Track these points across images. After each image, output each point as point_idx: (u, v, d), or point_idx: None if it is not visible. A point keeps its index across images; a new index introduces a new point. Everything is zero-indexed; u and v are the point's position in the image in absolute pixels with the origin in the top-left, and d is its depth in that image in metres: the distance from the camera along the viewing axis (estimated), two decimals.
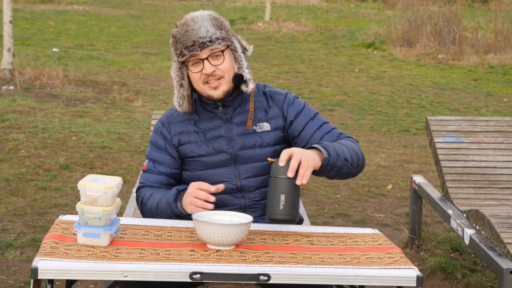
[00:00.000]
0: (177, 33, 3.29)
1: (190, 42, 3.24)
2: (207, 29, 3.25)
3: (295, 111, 3.43)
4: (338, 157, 3.12)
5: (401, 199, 7.32)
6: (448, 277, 5.36)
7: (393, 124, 10.72)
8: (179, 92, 3.36)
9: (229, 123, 3.38)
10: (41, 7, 25.19)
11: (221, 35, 3.27)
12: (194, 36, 3.24)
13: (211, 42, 3.24)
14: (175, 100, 3.38)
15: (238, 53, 3.33)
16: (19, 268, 5.22)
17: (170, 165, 3.41)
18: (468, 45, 17.35)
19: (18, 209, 6.41)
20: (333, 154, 3.10)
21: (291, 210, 2.98)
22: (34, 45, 16.05)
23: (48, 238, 2.82)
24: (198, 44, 3.24)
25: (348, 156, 3.19)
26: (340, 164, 3.14)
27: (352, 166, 3.22)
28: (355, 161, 3.23)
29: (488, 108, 12.07)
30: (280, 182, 2.98)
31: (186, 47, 3.25)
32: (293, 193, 2.98)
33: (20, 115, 9.77)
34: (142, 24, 21.97)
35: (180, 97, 3.36)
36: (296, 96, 3.51)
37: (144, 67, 14.61)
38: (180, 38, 3.27)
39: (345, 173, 3.22)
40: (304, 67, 15.49)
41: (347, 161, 3.18)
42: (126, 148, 8.56)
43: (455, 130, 5.56)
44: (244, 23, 22.22)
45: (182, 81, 3.35)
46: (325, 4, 29.98)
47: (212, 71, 3.27)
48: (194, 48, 3.24)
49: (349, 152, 3.21)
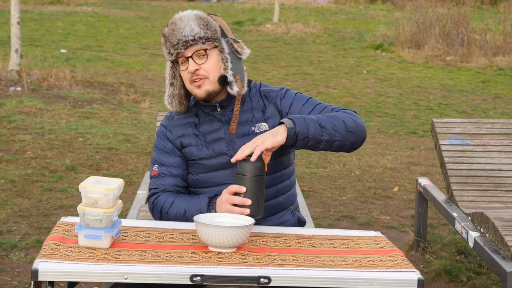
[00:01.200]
0: (166, 32, 3.33)
1: (175, 41, 3.28)
2: (191, 28, 3.27)
3: (288, 102, 3.42)
4: (309, 125, 3.11)
5: (407, 202, 7.30)
6: (453, 279, 5.34)
7: (401, 126, 10.71)
8: (169, 91, 3.41)
9: (228, 125, 3.38)
10: (50, 8, 25.27)
11: (205, 35, 3.28)
12: (179, 34, 3.27)
13: (194, 41, 3.27)
14: (165, 99, 3.43)
15: (225, 54, 3.33)
16: (24, 269, 5.23)
17: (181, 167, 3.42)
18: (476, 47, 17.31)
19: (24, 210, 6.41)
20: (300, 123, 3.10)
21: (250, 206, 3.05)
22: (42, 46, 16.09)
23: (49, 240, 2.82)
24: (182, 42, 3.27)
25: (327, 122, 3.17)
26: (315, 132, 3.12)
27: (339, 133, 3.18)
28: (340, 127, 3.19)
29: (496, 110, 12.04)
30: (237, 179, 3.09)
31: (173, 45, 3.29)
32: (251, 190, 3.05)
33: (27, 116, 9.79)
34: (150, 26, 22.00)
35: (170, 95, 3.41)
36: (288, 88, 3.50)
37: (152, 68, 14.63)
38: (168, 37, 3.31)
39: (331, 141, 3.19)
40: (312, 69, 15.49)
41: (326, 128, 3.15)
42: (132, 150, 8.56)
43: (460, 132, 5.54)
44: (253, 24, 22.23)
45: (172, 80, 3.40)
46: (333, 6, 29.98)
47: (195, 69, 3.29)
48: (179, 46, 3.28)
49: (330, 120, 3.19)
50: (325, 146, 3.19)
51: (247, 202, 3.05)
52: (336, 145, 3.22)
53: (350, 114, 3.30)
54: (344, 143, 3.23)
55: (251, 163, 3.04)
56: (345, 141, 3.22)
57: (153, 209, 3.39)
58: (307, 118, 3.14)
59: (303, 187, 7.45)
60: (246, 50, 3.41)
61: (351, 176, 8.11)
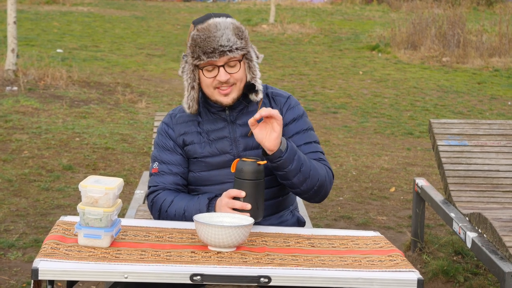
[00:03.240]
0: (197, 37, 3.24)
1: (210, 49, 3.21)
2: (228, 38, 3.22)
3: (293, 116, 3.43)
4: (293, 163, 3.16)
5: (404, 202, 7.31)
6: (450, 280, 5.35)
7: (397, 126, 10.71)
8: (190, 94, 3.35)
9: (233, 124, 3.38)
10: (45, 8, 25.22)
11: (241, 45, 3.26)
12: (215, 43, 3.21)
13: (231, 51, 3.23)
14: (185, 102, 3.37)
15: (253, 62, 3.34)
16: (21, 268, 5.22)
17: (182, 165, 3.42)
18: (472, 48, 17.33)
19: (21, 210, 6.41)
20: (290, 155, 3.14)
21: (250, 210, 3.06)
22: (38, 46, 16.07)
23: (49, 239, 2.82)
24: (218, 52, 3.22)
25: (306, 173, 3.22)
26: (292, 171, 3.17)
27: (305, 185, 3.24)
28: (310, 182, 3.25)
29: (492, 111, 12.06)
30: (236, 183, 3.09)
31: (205, 52, 3.22)
32: (251, 194, 3.07)
33: (24, 115, 9.78)
34: (146, 26, 21.98)
35: (191, 99, 3.35)
36: (298, 102, 3.51)
37: (148, 68, 14.62)
38: (200, 43, 3.23)
39: (296, 186, 3.25)
40: (308, 70, 15.49)
41: (300, 175, 3.20)
42: (129, 150, 8.56)
43: (458, 133, 5.55)
44: (249, 25, 22.23)
45: (193, 83, 3.34)
46: (329, 7, 29.98)
47: (227, 78, 3.27)
48: (214, 55, 3.22)
49: (310, 171, 3.24)
50: (288, 184, 3.26)
51: (247, 207, 3.06)
52: (295, 190, 3.30)
53: (328, 178, 3.35)
54: (301, 193, 3.31)
55: (250, 168, 3.05)
56: (303, 193, 3.30)
57: (152, 207, 3.40)
58: (298, 156, 3.19)
59: None
60: (261, 55, 3.42)
61: (348, 176, 8.12)
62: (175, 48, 17.43)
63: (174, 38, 19.28)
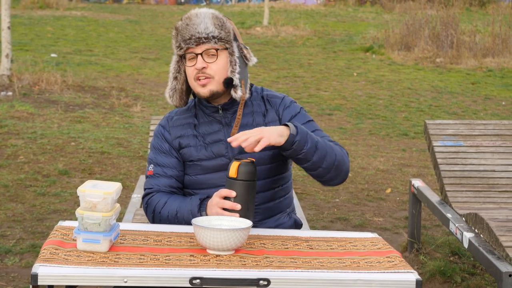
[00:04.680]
0: (179, 26, 3.34)
1: (188, 36, 3.28)
2: (206, 26, 3.28)
3: (290, 114, 3.43)
4: (308, 141, 3.13)
5: (400, 203, 7.32)
6: (447, 280, 5.36)
7: (392, 128, 10.73)
8: (171, 84, 3.42)
9: (228, 127, 3.39)
10: (39, 12, 25.19)
11: (219, 35, 3.29)
12: (193, 30, 3.28)
13: (207, 39, 3.27)
14: (166, 92, 3.44)
15: (234, 57, 3.34)
16: (19, 274, 5.22)
17: (177, 168, 3.42)
18: (466, 48, 17.36)
19: (17, 215, 6.41)
20: (302, 134, 3.12)
21: (240, 211, 3.05)
22: (32, 51, 16.05)
23: (47, 244, 2.82)
24: (194, 38, 3.28)
25: (323, 149, 3.19)
26: (310, 150, 3.14)
27: (326, 162, 3.20)
28: (330, 158, 3.21)
29: (486, 112, 12.08)
30: (227, 182, 3.08)
31: (184, 40, 3.30)
32: (242, 194, 3.05)
33: (19, 121, 9.77)
34: (140, 30, 21.98)
35: (172, 89, 3.42)
36: (293, 100, 3.52)
37: (142, 72, 14.62)
38: (181, 31, 3.31)
39: (317, 166, 3.21)
40: (302, 72, 15.50)
41: (319, 151, 3.17)
42: (125, 154, 8.56)
43: (453, 134, 5.57)
44: (243, 27, 22.22)
45: (177, 74, 3.41)
46: (323, 9, 30.00)
47: (203, 67, 3.29)
48: (191, 41, 3.28)
49: (326, 147, 3.21)
50: (309, 166, 3.21)
51: (236, 207, 3.05)
52: (318, 172, 3.25)
53: (344, 154, 3.33)
54: (325, 174, 3.26)
55: (242, 168, 3.05)
56: (326, 172, 3.25)
57: (146, 209, 3.41)
58: (309, 134, 3.16)
59: (296, 189, 7.46)
60: (254, 58, 3.43)
61: None
62: (169, 51, 17.42)
63: (168, 41, 19.25)
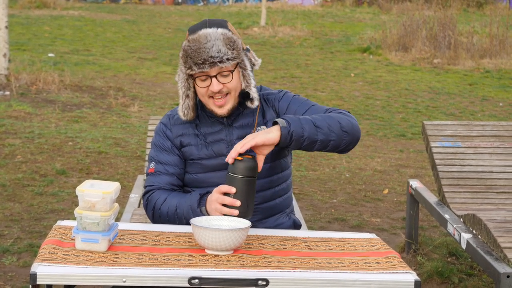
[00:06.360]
0: (188, 48, 3.26)
1: (200, 60, 3.23)
2: (219, 49, 3.23)
3: (285, 104, 3.44)
4: (304, 125, 3.11)
5: (398, 204, 7.33)
6: (445, 281, 5.37)
7: (389, 128, 10.74)
8: (184, 103, 3.38)
9: (230, 127, 3.40)
10: (36, 12, 25.16)
11: (232, 55, 3.25)
12: (205, 54, 3.22)
13: (221, 62, 3.23)
14: (180, 110, 3.40)
15: (247, 71, 3.33)
16: (16, 273, 5.22)
17: (178, 165, 3.43)
18: (463, 49, 17.36)
19: (15, 215, 6.40)
20: (295, 123, 3.10)
21: (239, 207, 3.05)
22: (29, 51, 16.03)
23: (46, 243, 2.82)
24: (208, 63, 3.23)
25: (322, 123, 3.17)
26: (310, 132, 3.12)
27: (334, 133, 3.18)
28: (335, 127, 3.19)
29: (483, 113, 12.09)
30: (228, 178, 3.08)
31: (196, 63, 3.24)
32: (242, 190, 3.05)
33: (16, 120, 9.76)
34: (137, 29, 21.96)
35: (186, 107, 3.38)
36: (286, 91, 3.52)
37: (140, 72, 14.61)
38: (190, 54, 3.25)
39: (327, 141, 3.18)
40: (300, 72, 15.50)
41: (321, 128, 3.15)
42: (122, 153, 8.55)
43: (451, 134, 5.57)
44: (240, 28, 22.22)
45: (188, 92, 3.36)
46: (320, 9, 29.99)
47: (220, 89, 3.28)
48: (204, 66, 3.23)
49: (325, 120, 3.19)
50: (320, 146, 3.19)
51: (236, 203, 3.05)
52: (332, 145, 3.21)
53: (344, 114, 3.30)
54: (339, 143, 3.22)
55: (243, 164, 3.04)
56: (340, 141, 3.22)
57: (147, 206, 3.42)
58: (302, 119, 3.14)
59: (293, 190, 7.46)
60: (259, 61, 3.42)
61: (341, 178, 8.13)
62: (166, 51, 17.42)
63: (166, 41, 19.26)
